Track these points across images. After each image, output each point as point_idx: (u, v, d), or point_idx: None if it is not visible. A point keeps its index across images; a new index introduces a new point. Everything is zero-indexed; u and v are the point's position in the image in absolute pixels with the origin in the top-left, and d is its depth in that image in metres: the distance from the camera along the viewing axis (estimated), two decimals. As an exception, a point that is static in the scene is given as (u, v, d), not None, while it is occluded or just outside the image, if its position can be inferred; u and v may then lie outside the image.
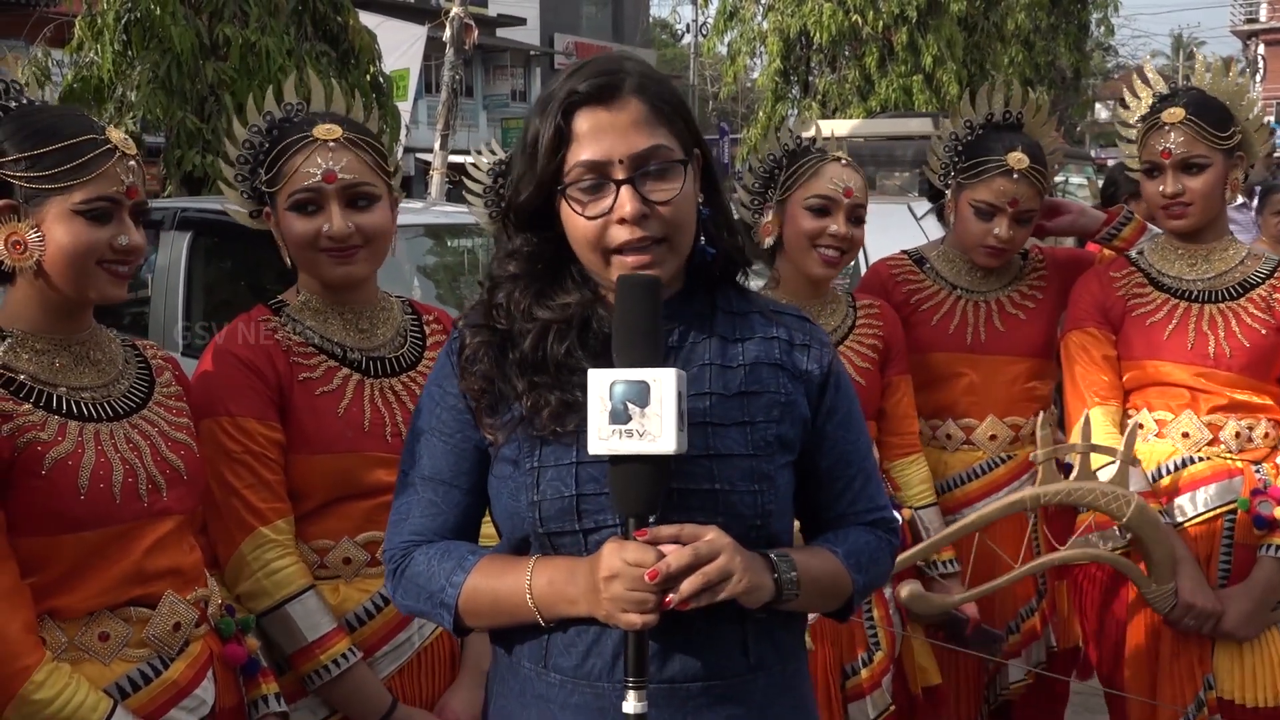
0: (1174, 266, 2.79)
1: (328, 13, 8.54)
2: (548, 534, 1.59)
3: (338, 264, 2.17)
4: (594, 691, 1.58)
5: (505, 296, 1.64)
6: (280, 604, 2.09)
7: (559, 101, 1.57)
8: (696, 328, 1.65)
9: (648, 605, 1.47)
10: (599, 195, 1.56)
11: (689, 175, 1.59)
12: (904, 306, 2.96)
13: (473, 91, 31.73)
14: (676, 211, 1.57)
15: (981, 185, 2.83)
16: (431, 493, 1.69)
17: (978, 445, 2.92)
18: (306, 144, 2.15)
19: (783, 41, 18.47)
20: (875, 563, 1.72)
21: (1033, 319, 2.94)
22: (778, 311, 1.72)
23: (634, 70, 1.60)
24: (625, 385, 1.46)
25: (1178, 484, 2.70)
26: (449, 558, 1.65)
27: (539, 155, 1.58)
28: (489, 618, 1.64)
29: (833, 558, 1.66)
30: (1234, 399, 2.68)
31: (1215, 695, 2.68)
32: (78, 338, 1.92)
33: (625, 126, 1.55)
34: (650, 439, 1.45)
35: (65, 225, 1.81)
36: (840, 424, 1.70)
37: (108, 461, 1.85)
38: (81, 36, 8.13)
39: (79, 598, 1.83)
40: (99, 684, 1.82)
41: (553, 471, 1.58)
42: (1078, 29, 21.68)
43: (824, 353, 1.70)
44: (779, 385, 1.64)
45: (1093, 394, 2.78)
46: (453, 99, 10.58)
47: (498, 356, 1.63)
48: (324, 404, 2.17)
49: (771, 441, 1.61)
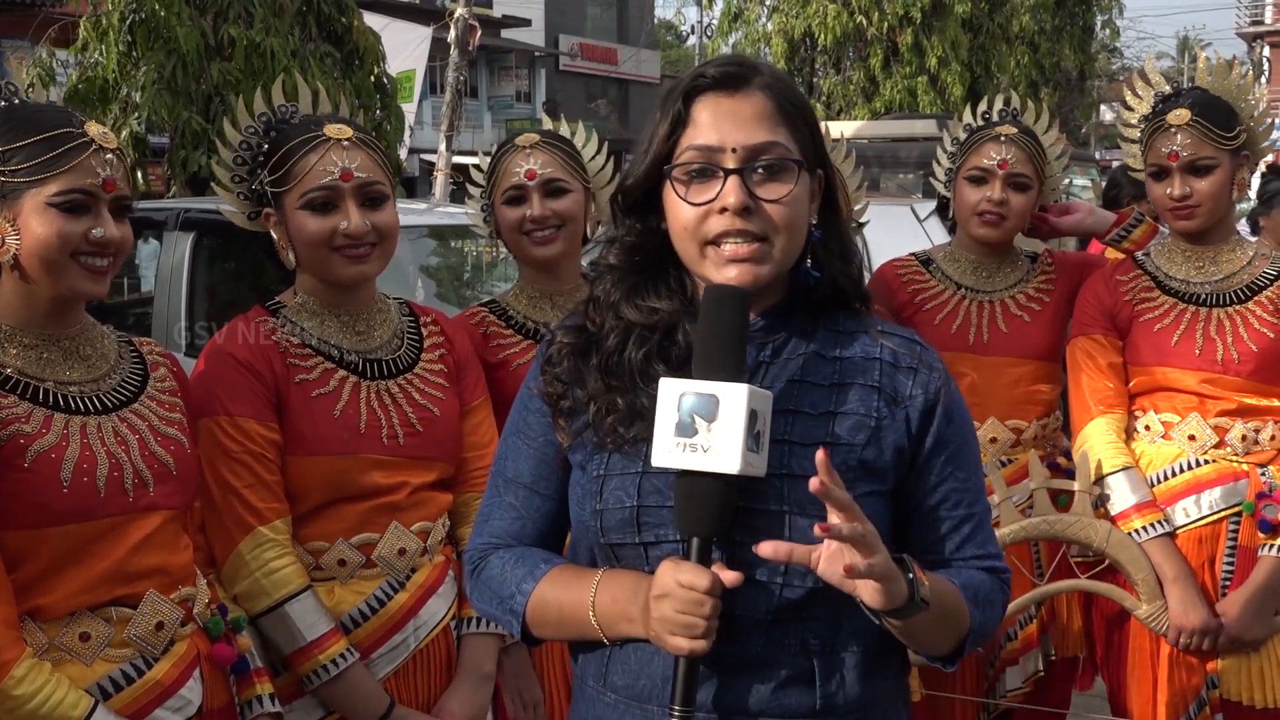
0: (1181, 269, 2.76)
1: (332, 14, 8.56)
2: (609, 545, 1.54)
3: (351, 263, 2.17)
4: (644, 714, 1.53)
5: (603, 290, 1.60)
6: (279, 604, 2.09)
7: (684, 86, 1.53)
8: (794, 342, 1.57)
9: (697, 630, 1.40)
10: (706, 182, 1.50)
11: (802, 181, 1.52)
12: (909, 307, 2.96)
13: (477, 92, 31.75)
14: (783, 213, 1.50)
15: (972, 155, 2.89)
16: (513, 496, 1.66)
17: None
18: (320, 143, 2.15)
19: (787, 43, 18.47)
20: (991, 604, 1.58)
21: (1038, 321, 2.92)
22: (887, 332, 1.61)
23: (767, 69, 1.57)
24: (695, 398, 1.41)
25: (1182, 487, 2.68)
26: (522, 564, 1.61)
27: (655, 138, 1.54)
28: (555, 629, 1.60)
29: (954, 587, 1.52)
30: (1242, 403, 2.66)
31: (1219, 694, 2.66)
32: (67, 333, 1.91)
33: (746, 117, 1.50)
34: (714, 456, 1.39)
35: (40, 217, 1.79)
36: (950, 460, 1.56)
37: (93, 455, 1.84)
38: (86, 37, 8.15)
39: (61, 595, 1.81)
40: (81, 685, 1.81)
41: (617, 480, 1.53)
42: (1082, 31, 21.63)
43: (932, 378, 1.57)
44: (870, 408, 1.53)
45: (1096, 402, 2.77)
46: (457, 100, 10.62)
47: (580, 359, 1.59)
48: (320, 405, 2.16)
49: (854, 466, 1.50)
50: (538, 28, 33.59)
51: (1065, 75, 21.81)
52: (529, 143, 2.59)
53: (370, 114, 8.58)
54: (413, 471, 2.22)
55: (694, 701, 1.43)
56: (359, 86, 8.50)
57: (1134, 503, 2.66)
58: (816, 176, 1.56)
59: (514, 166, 2.57)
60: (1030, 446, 2.90)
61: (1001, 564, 1.62)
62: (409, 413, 2.22)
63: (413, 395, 2.24)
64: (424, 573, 2.24)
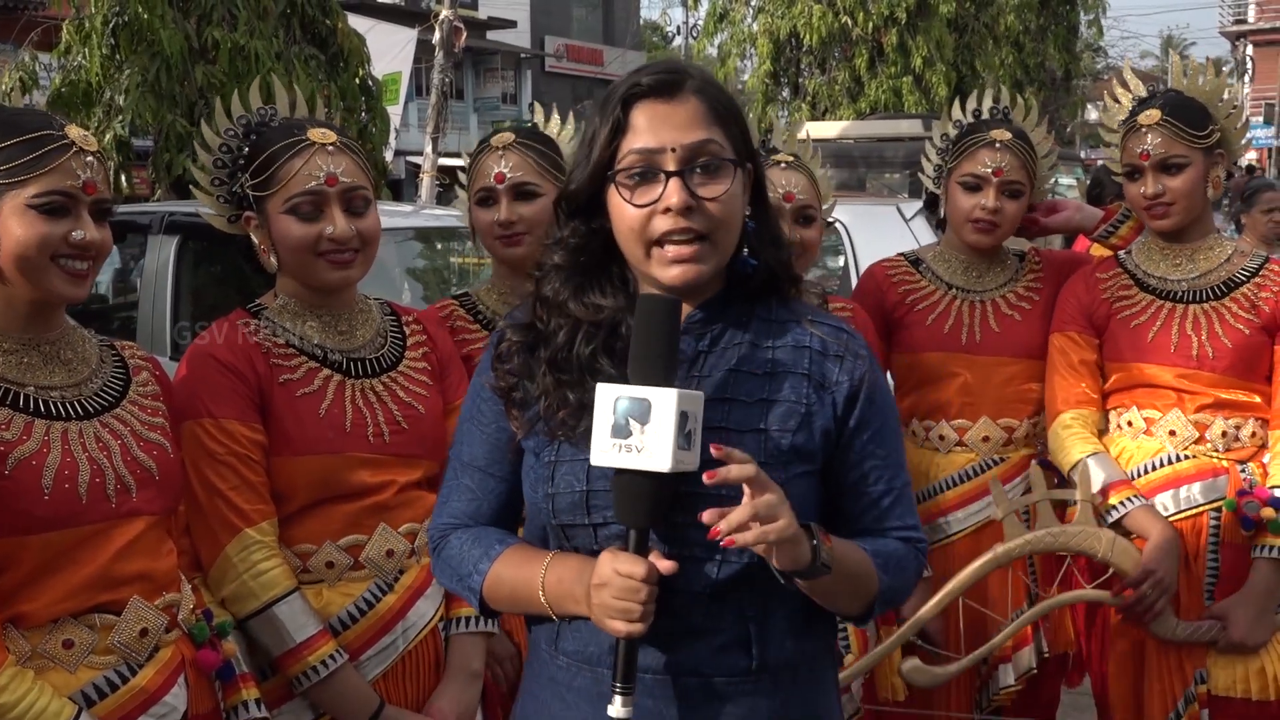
0: (1159, 267, 2.80)
1: (316, 16, 8.52)
2: (561, 525, 1.64)
3: (335, 268, 2.17)
4: (594, 676, 1.64)
5: (551, 290, 1.68)
6: (267, 605, 2.08)
7: (621, 93, 1.61)
8: (730, 332, 1.67)
9: (633, 614, 1.51)
10: (648, 184, 1.59)
11: (738, 179, 1.62)
12: (899, 308, 2.97)
13: (463, 94, 31.72)
14: (722, 210, 1.59)
15: (966, 160, 2.88)
16: (469, 479, 1.77)
17: (970, 447, 2.91)
18: (304, 148, 2.15)
19: (772, 43, 18.46)
20: (902, 570, 1.70)
21: (1028, 320, 2.93)
22: (817, 320, 1.71)
23: (698, 73, 1.65)
24: (629, 402, 1.50)
25: (1161, 481, 2.70)
26: (479, 544, 1.72)
27: (596, 144, 1.62)
28: (508, 605, 1.72)
29: (863, 553, 1.65)
30: (1220, 398, 2.69)
31: (1206, 690, 2.67)
32: (48, 338, 1.90)
33: (682, 120, 1.59)
34: (648, 456, 1.48)
35: (19, 219, 1.79)
36: (870, 439, 1.68)
37: (74, 461, 1.83)
38: (69, 40, 8.10)
39: (44, 603, 1.80)
40: (64, 692, 1.80)
41: (567, 466, 1.63)
42: (1067, 30, 21.67)
43: (858, 365, 1.68)
44: (801, 395, 1.64)
45: (1062, 400, 2.81)
46: (443, 102, 10.59)
47: (529, 355, 1.69)
48: (305, 405, 2.16)
49: (785, 450, 1.62)
50: (523, 29, 33.59)
51: (1050, 75, 21.87)
52: (502, 144, 2.60)
53: (355, 116, 8.55)
54: (399, 470, 2.22)
55: (634, 679, 1.54)
56: (344, 89, 8.47)
57: (1108, 481, 2.69)
58: (747, 170, 1.65)
59: (485, 168, 2.59)
60: (1022, 445, 2.92)
61: (919, 534, 1.74)
62: (394, 410, 2.22)
63: (397, 393, 2.24)
64: (412, 574, 2.24)
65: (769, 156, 2.76)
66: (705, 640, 1.61)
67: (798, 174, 2.74)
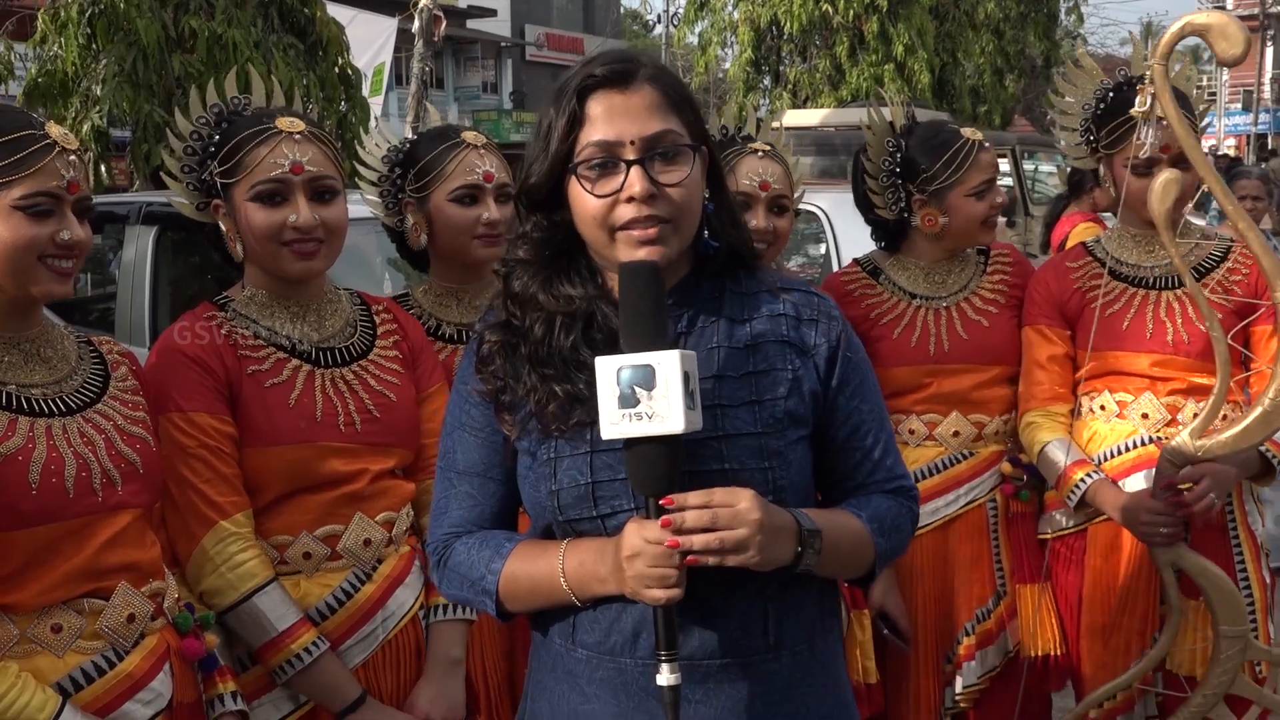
0: (1131, 254, 2.81)
1: (295, 5, 8.47)
2: (567, 521, 1.65)
3: (299, 259, 2.17)
4: (616, 666, 1.65)
5: (520, 285, 1.69)
6: (247, 597, 2.08)
7: (575, 85, 1.62)
8: (705, 312, 1.70)
9: (670, 580, 1.51)
10: (609, 175, 1.60)
11: (696, 163, 1.64)
12: (863, 322, 2.85)
13: (443, 83, 31.62)
14: (683, 195, 1.61)
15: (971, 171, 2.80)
16: (468, 485, 1.76)
17: (940, 441, 2.86)
18: (271, 136, 2.15)
19: (754, 31, 18.47)
20: (898, 529, 1.75)
21: (996, 325, 2.86)
22: (786, 288, 1.75)
23: (649, 61, 1.67)
24: (631, 370, 1.51)
25: (1132, 462, 2.72)
26: (487, 546, 1.71)
27: (553, 137, 1.63)
28: (527, 600, 1.70)
29: (857, 522, 1.69)
30: (1192, 383, 2.70)
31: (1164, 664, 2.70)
32: (27, 335, 1.90)
33: (638, 110, 1.61)
34: (660, 420, 1.49)
35: (5, 222, 1.79)
36: (853, 395, 1.73)
37: (60, 456, 1.83)
38: (45, 30, 8.03)
39: (31, 593, 1.81)
40: (52, 676, 1.81)
41: (568, 461, 1.64)
42: (1047, 18, 21.74)
43: (832, 326, 1.73)
44: (786, 362, 1.68)
45: (1029, 398, 2.82)
46: (423, 91, 10.53)
47: (511, 354, 1.69)
48: (274, 395, 2.15)
49: (780, 418, 1.65)
50: (504, 18, 33.47)
51: (1030, 62, 21.93)
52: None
53: (334, 106, 8.51)
54: (372, 458, 2.22)
55: (676, 644, 1.54)
56: (323, 78, 8.43)
57: (1069, 462, 2.71)
58: (703, 153, 1.67)
59: (468, 165, 2.54)
60: (992, 441, 2.88)
61: (909, 483, 1.79)
62: (365, 399, 2.22)
63: (368, 382, 2.24)
64: (390, 563, 2.24)
65: (745, 145, 2.74)
66: (724, 621, 1.63)
67: (774, 163, 2.72)
